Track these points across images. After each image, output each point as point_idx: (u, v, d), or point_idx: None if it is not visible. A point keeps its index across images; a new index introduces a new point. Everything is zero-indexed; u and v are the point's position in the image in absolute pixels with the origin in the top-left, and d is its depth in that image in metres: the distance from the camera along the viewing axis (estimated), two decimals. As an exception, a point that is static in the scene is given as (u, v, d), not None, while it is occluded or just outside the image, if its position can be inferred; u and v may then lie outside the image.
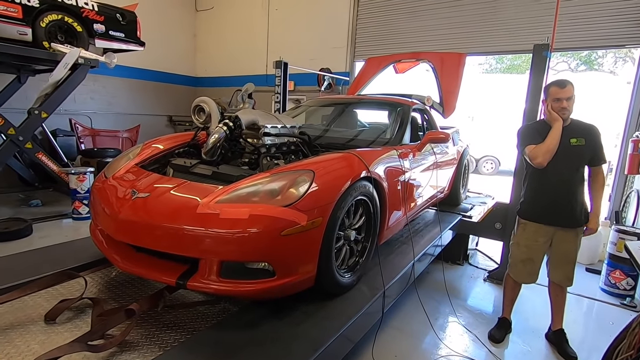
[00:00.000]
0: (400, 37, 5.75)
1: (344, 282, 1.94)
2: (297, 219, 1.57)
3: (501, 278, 3.50)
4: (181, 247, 1.55)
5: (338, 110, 3.49)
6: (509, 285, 2.67)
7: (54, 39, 4.41)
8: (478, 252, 4.36)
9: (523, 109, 3.30)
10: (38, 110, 4.16)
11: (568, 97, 2.24)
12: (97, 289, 1.96)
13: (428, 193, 3.11)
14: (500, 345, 2.59)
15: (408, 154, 2.66)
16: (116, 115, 7.17)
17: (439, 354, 2.47)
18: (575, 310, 3.21)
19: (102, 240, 1.94)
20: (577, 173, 2.33)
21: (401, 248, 2.75)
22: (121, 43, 5.11)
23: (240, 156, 2.28)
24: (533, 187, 2.46)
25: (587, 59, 12.52)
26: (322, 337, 1.61)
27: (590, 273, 3.91)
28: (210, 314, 1.78)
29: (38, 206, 4.73)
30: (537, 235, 2.43)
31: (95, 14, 4.73)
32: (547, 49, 3.11)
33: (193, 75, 8.52)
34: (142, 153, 2.29)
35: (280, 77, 4.70)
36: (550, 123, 2.29)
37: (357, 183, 1.90)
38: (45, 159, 4.34)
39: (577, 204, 2.33)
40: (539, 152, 2.23)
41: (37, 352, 1.40)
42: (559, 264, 2.45)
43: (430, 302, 2.97)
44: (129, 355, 1.44)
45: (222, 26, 8.00)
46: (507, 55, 13.54)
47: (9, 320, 1.63)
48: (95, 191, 2.02)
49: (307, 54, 6.61)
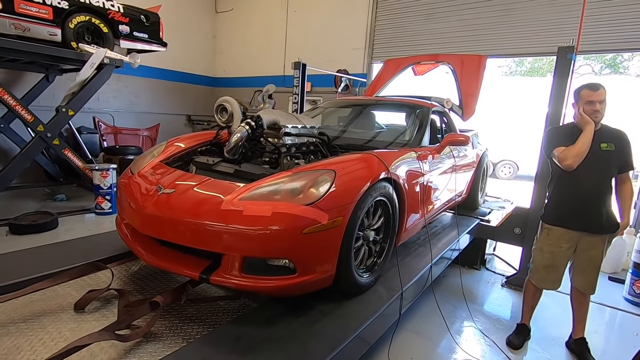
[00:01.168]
0: (418, 39, 5.72)
1: (362, 282, 1.95)
2: (319, 217, 1.59)
3: (520, 284, 3.45)
4: (205, 242, 1.59)
5: (356, 111, 3.50)
6: (530, 291, 2.63)
7: (81, 39, 4.57)
8: (495, 257, 4.29)
9: (546, 112, 3.24)
10: (65, 108, 4.32)
11: (601, 100, 2.20)
12: (122, 280, 2.03)
13: (446, 196, 3.09)
14: (518, 352, 2.55)
15: (427, 156, 2.65)
16: (137, 114, 7.36)
17: (455, 358, 2.44)
18: (597, 319, 3.12)
19: (127, 234, 2.01)
20: (606, 178, 2.28)
21: (418, 250, 2.73)
22: (145, 44, 5.26)
23: (261, 155, 2.32)
24: (560, 191, 2.41)
25: (611, 62, 12.15)
26: (340, 336, 1.62)
27: (613, 282, 3.79)
28: (230, 309, 1.82)
29: (63, 201, 4.90)
30: (561, 240, 2.38)
31: (121, 15, 4.88)
32: (572, 52, 3.05)
33: (212, 75, 8.67)
34: (167, 150, 2.36)
35: (299, 77, 4.74)
36: (582, 126, 2.25)
37: (377, 184, 1.91)
38: (71, 155, 4.50)
39: (605, 209, 2.28)
40: (570, 154, 2.20)
41: (68, 339, 1.47)
42: (583, 270, 2.40)
43: (447, 306, 2.94)
44: (154, 346, 1.49)
45: (241, 27, 8.13)
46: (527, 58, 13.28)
47: (41, 307, 1.70)
48: (122, 186, 2.09)
49: (324, 55, 6.64)
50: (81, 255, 2.15)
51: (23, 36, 4.07)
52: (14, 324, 1.57)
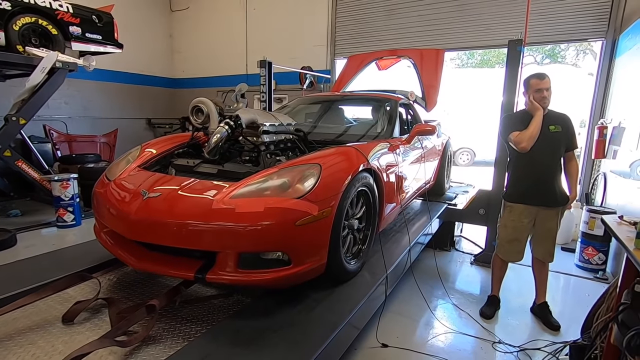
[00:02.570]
0: (380, 34, 5.92)
1: (351, 269, 2.05)
2: (309, 209, 1.67)
3: (486, 261, 3.73)
4: (200, 242, 1.61)
5: (328, 107, 3.59)
6: (497, 265, 2.87)
7: (28, 42, 4.26)
8: (463, 239, 4.59)
9: (501, 101, 3.51)
10: (16, 117, 4.03)
11: (547, 88, 2.47)
12: (108, 289, 1.98)
13: (417, 183, 3.27)
14: (491, 321, 2.79)
15: (399, 147, 2.80)
16: (92, 120, 6.97)
17: (436, 332, 2.63)
18: (554, 286, 3.46)
19: (108, 241, 1.96)
20: (556, 157, 2.56)
21: (396, 236, 2.89)
22: (98, 45, 5.00)
23: (240, 154, 2.34)
24: (518, 172, 2.66)
25: (551, 53, 13.24)
26: (336, 320, 1.71)
27: (565, 252, 4.20)
28: (225, 306, 1.84)
29: (17, 216, 4.57)
30: (522, 216, 2.63)
31: (71, 16, 4.61)
32: (520, 44, 3.34)
33: (170, 76, 8.38)
34: (142, 155, 2.31)
35: (265, 76, 4.74)
36: (532, 112, 2.50)
37: (359, 175, 2.02)
38: (25, 166, 4.21)
39: (557, 185, 2.56)
40: (524, 137, 2.44)
41: (63, 352, 1.43)
42: (541, 241, 2.67)
43: (424, 286, 3.13)
44: (154, 348, 1.49)
45: (198, 26, 7.92)
46: (478, 51, 14.09)
47: (25, 324, 1.63)
48: (99, 194, 2.03)
49: (287, 53, 6.66)
50: (60, 268, 2.07)
51: (-40, 40, 3.74)
52: (0, 342, 1.50)
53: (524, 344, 2.46)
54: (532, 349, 2.42)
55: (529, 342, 2.48)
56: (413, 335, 2.60)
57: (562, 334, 2.62)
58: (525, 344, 2.47)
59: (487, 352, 2.43)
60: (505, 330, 2.68)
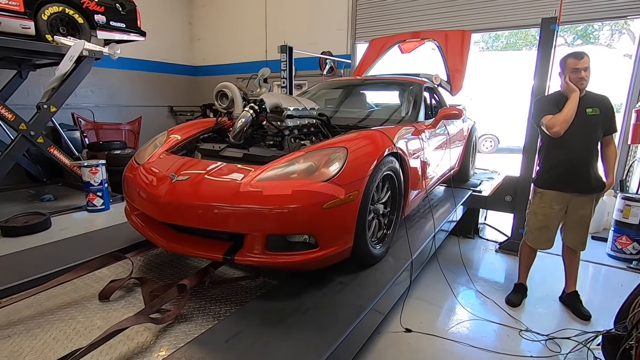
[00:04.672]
0: (402, 17, 5.74)
1: (376, 253, 2.05)
2: (336, 192, 1.66)
3: (512, 249, 3.65)
4: (229, 224, 1.63)
5: (350, 91, 3.53)
6: (525, 252, 2.80)
7: (56, 31, 4.37)
8: (487, 226, 4.49)
9: (531, 85, 3.36)
10: (47, 105, 4.17)
11: (585, 68, 2.33)
12: (139, 269, 2.05)
13: (442, 169, 3.20)
14: (517, 309, 2.73)
15: (424, 131, 2.74)
16: (118, 108, 7.15)
17: (460, 319, 2.60)
18: (584, 275, 3.35)
19: (139, 224, 2.02)
20: (593, 141, 2.43)
21: (420, 222, 2.86)
22: (122, 33, 5.07)
23: (264, 139, 2.34)
24: (550, 157, 2.55)
25: (583, 33, 12.52)
26: (362, 303, 1.71)
27: (596, 241, 4.05)
28: (252, 288, 1.88)
29: (51, 200, 4.78)
30: (553, 202, 2.54)
31: (96, 4, 4.68)
32: (554, 23, 3.16)
33: (191, 64, 8.45)
34: (169, 140, 2.35)
35: (286, 61, 4.70)
36: (567, 94, 2.37)
37: (385, 159, 1.99)
38: (57, 153, 4.37)
39: (592, 170, 2.44)
40: (557, 121, 2.32)
41: (101, 327, 1.50)
42: (574, 228, 2.57)
43: (448, 273, 3.09)
44: (187, 326, 1.54)
45: (217, 13, 7.90)
46: (504, 33, 13.50)
47: (65, 300, 1.72)
48: (130, 178, 2.08)
49: (306, 38, 6.57)
50: (95, 249, 2.15)
51: (-6, 30, 3.87)
52: (43, 316, 1.58)
53: (553, 333, 2.40)
54: (561, 338, 2.36)
55: (558, 331, 2.42)
56: (436, 321, 2.58)
57: (593, 323, 2.55)
58: (554, 332, 2.41)
59: (514, 339, 2.39)
60: (532, 318, 2.62)
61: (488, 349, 2.26)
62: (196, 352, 1.34)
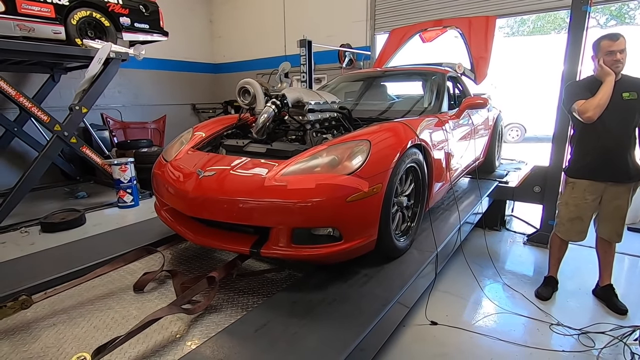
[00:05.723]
0: (423, 5, 5.60)
1: (400, 246, 2.04)
2: (360, 185, 1.66)
3: (541, 241, 3.54)
4: (255, 218, 1.67)
5: (371, 83, 3.50)
6: (556, 244, 2.71)
7: (84, 35, 4.54)
8: (514, 218, 4.36)
9: (562, 70, 3.21)
10: (79, 106, 4.35)
11: (621, 50, 2.20)
12: (170, 262, 2.13)
13: (467, 160, 3.14)
14: (547, 302, 2.65)
15: (448, 121, 2.69)
16: (143, 107, 7.37)
17: (487, 312, 2.56)
18: (619, 267, 3.21)
19: (169, 218, 2.09)
20: (629, 128, 2.30)
21: (444, 214, 2.82)
22: (146, 34, 5.21)
23: (286, 133, 2.36)
24: (583, 144, 2.44)
25: (618, 13, 11.81)
26: (387, 295, 1.72)
27: (632, 232, 3.87)
28: (278, 280, 1.92)
29: (84, 197, 5.02)
30: (586, 193, 2.43)
31: (120, 7, 4.82)
32: (586, 3, 3.00)
33: (212, 62, 8.59)
34: (194, 137, 2.41)
35: (305, 55, 4.70)
36: (602, 78, 2.25)
37: (408, 150, 1.97)
38: (89, 152, 4.56)
39: (629, 158, 2.32)
40: (590, 106, 2.21)
41: (137, 316, 1.58)
42: (609, 219, 2.46)
43: (474, 266, 3.04)
44: (217, 316, 1.59)
45: (237, 10, 7.98)
46: (530, 17, 12.93)
47: (103, 291, 1.82)
48: (158, 175, 2.16)
49: (324, 31, 6.54)
50: (127, 242, 2.25)
51: (28, 37, 4.07)
52: (84, 306, 1.68)
53: (586, 327, 2.33)
54: (595, 332, 2.28)
55: (591, 326, 2.34)
56: (463, 313, 2.55)
57: (629, 318, 2.44)
58: (587, 327, 2.33)
59: (544, 333, 2.33)
60: (563, 312, 2.54)
61: (517, 343, 2.22)
62: (227, 341, 1.39)
